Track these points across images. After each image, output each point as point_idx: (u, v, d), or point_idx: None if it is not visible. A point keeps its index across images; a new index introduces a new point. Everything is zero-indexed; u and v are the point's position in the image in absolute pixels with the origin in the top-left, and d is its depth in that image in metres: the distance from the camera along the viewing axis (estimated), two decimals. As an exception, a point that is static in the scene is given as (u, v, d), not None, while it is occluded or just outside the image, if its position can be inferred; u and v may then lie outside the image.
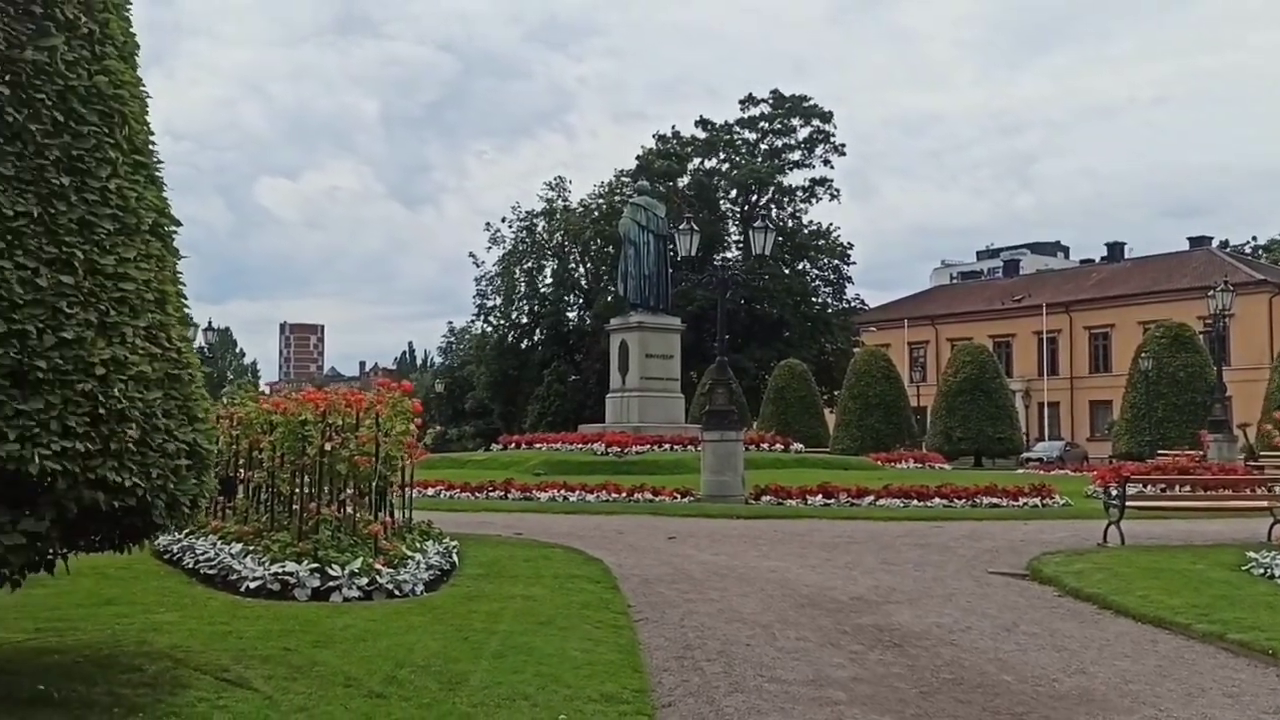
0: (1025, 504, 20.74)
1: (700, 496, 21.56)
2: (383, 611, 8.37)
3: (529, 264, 65.60)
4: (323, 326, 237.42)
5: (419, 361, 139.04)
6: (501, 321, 66.57)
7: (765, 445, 34.04)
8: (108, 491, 5.00)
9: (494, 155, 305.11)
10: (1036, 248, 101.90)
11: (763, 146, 67.48)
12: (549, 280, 66.23)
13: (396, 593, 9.19)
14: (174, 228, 6.02)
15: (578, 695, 6.02)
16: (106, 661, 6.32)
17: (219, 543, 10.58)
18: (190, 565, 10.36)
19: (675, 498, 21.42)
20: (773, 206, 66.06)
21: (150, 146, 5.89)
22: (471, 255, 72.44)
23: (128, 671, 6.06)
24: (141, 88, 5.87)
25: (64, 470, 4.80)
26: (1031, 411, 69.39)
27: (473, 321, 70.34)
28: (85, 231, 5.14)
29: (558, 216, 64.97)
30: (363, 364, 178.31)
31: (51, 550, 5.14)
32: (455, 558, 11.13)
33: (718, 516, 18.80)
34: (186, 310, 6.11)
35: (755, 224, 33.00)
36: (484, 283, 66.59)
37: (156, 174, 5.93)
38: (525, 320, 66.18)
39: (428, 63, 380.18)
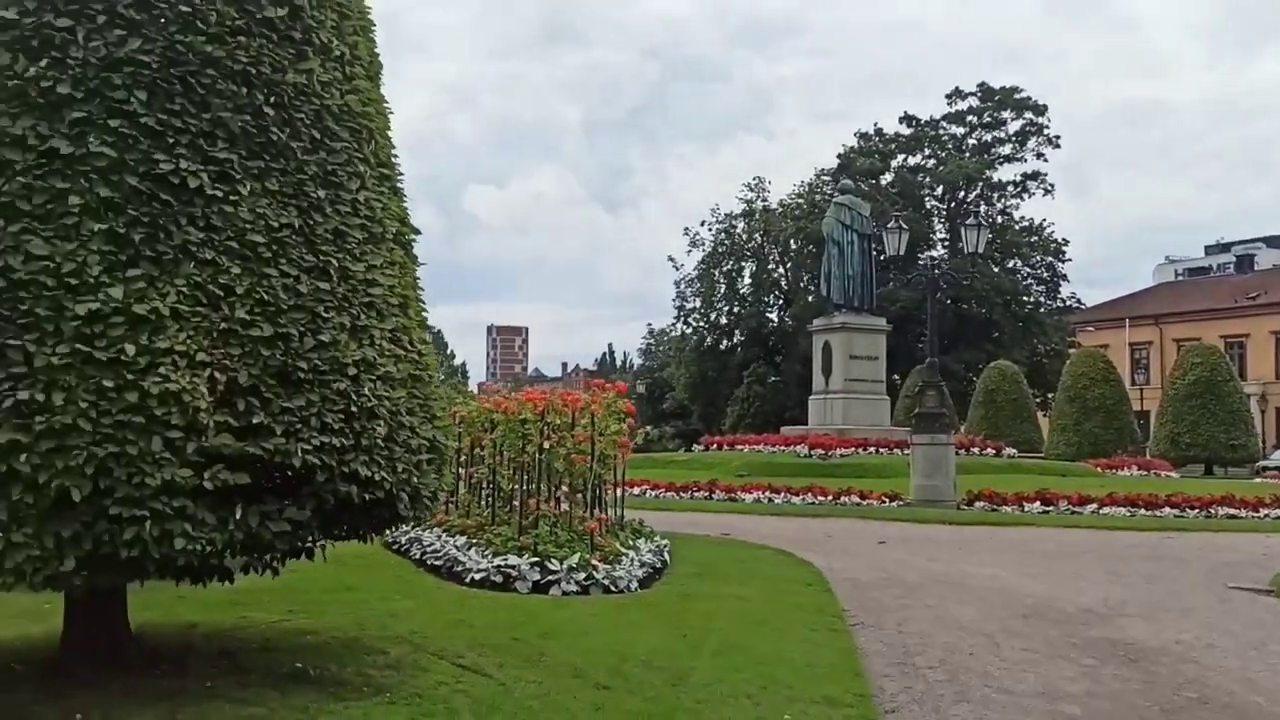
0: (1266, 515, 19.35)
1: (910, 501, 21.09)
2: (601, 606, 8.59)
3: (728, 266, 65.62)
4: (527, 329, 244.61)
5: (618, 363, 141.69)
6: (701, 323, 66.87)
7: (975, 449, 32.91)
8: (359, 484, 5.34)
9: (693, 158, 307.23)
10: (1273, 241, 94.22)
11: (970, 141, 65.26)
12: (748, 282, 66.10)
13: (612, 588, 9.40)
14: (413, 236, 6.39)
15: (799, 697, 6.01)
16: (353, 643, 6.74)
17: (444, 535, 11.10)
18: (417, 556, 10.89)
19: (884, 501, 21.05)
20: (981, 203, 63.74)
21: (393, 159, 6.27)
22: (670, 259, 72.96)
23: (372, 654, 6.45)
24: (385, 104, 6.25)
25: (322, 464, 5.15)
26: (1268, 417, 64.44)
27: (673, 324, 71.00)
28: (339, 241, 5.50)
29: (757, 217, 64.71)
30: (565, 365, 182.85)
31: (310, 538, 5.52)
32: (667, 556, 11.29)
33: (929, 522, 18.34)
34: (424, 314, 6.46)
35: (967, 221, 32.10)
36: (683, 285, 67.13)
37: (398, 185, 6.30)
38: (725, 322, 66.23)
39: (630, 68, 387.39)
